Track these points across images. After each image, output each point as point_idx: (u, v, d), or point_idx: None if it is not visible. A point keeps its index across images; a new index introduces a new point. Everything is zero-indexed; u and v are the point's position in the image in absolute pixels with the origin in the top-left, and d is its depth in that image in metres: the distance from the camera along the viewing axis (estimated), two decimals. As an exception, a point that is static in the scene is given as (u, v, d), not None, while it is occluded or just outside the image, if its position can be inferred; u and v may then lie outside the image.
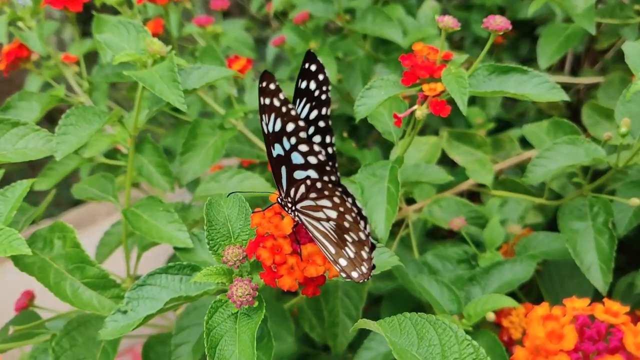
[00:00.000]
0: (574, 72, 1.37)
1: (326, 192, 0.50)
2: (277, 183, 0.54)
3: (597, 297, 0.80)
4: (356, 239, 0.51)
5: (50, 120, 0.73)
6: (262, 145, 0.97)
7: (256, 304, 0.52)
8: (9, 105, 0.85)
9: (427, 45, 0.70)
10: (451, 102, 0.66)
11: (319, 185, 0.50)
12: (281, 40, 1.23)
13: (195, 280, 0.53)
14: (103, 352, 0.67)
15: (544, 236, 0.86)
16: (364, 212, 0.50)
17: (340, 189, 0.49)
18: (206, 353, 0.49)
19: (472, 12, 1.36)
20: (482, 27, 0.66)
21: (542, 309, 0.42)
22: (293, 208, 0.53)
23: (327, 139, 0.55)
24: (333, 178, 0.52)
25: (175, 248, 0.68)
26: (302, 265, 0.51)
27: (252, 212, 0.55)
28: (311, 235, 0.52)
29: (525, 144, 1.09)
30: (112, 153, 0.99)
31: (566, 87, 1.23)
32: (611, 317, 0.40)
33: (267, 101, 0.49)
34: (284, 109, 0.49)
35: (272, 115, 0.50)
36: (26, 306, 0.82)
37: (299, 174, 0.52)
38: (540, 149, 0.80)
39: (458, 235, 0.92)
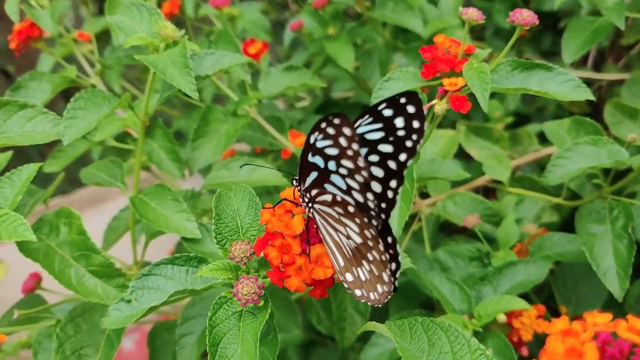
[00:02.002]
0: (597, 68, 1.34)
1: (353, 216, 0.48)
2: (300, 175, 0.51)
3: (611, 300, 0.78)
4: (375, 258, 0.49)
5: (67, 97, 0.72)
6: (274, 133, 0.96)
7: (262, 303, 0.50)
8: (19, 85, 0.84)
9: (449, 38, 0.68)
10: (471, 96, 0.64)
11: (350, 209, 0.48)
12: (299, 24, 1.20)
13: (201, 274, 0.52)
14: (107, 340, 0.66)
15: (560, 237, 0.84)
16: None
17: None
18: (208, 351, 0.48)
19: (495, 2, 1.33)
20: (508, 20, 0.64)
21: (562, 322, 0.40)
22: (310, 205, 0.51)
23: (392, 184, 0.50)
24: (374, 222, 0.49)
25: (183, 238, 0.67)
26: (310, 267, 0.50)
27: (262, 208, 0.54)
28: (321, 237, 0.51)
29: (543, 139, 1.06)
30: (124, 136, 0.98)
31: (588, 82, 1.21)
32: (635, 336, 0.38)
33: (332, 131, 0.45)
34: (350, 152, 0.45)
35: (331, 142, 0.46)
36: (33, 288, 0.82)
37: (330, 188, 0.49)
38: (560, 148, 0.78)
39: (471, 231, 0.90)
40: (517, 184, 0.95)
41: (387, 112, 0.49)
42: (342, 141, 0.45)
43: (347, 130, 0.44)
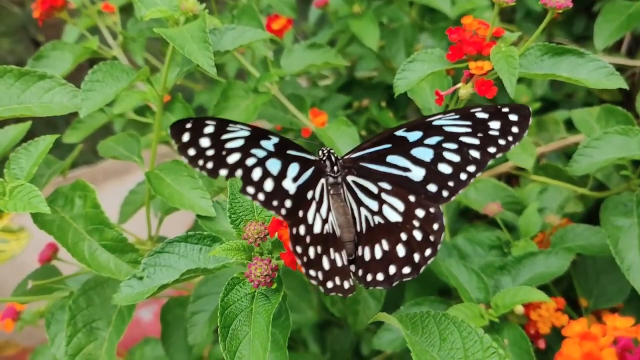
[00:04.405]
0: (631, 54, 1.29)
1: None
2: None
3: (634, 296, 0.76)
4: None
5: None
6: (295, 111, 0.94)
7: (275, 285, 0.49)
8: (42, 54, 0.83)
9: (477, 19, 0.65)
10: (497, 80, 0.62)
11: None
12: (324, 1, 1.18)
13: (214, 254, 0.51)
14: (119, 315, 0.66)
15: (584, 229, 0.81)
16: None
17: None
18: (219, 332, 0.47)
19: (527, -17, 1.29)
20: (540, 3, 0.61)
21: (580, 325, 0.38)
22: None
23: (470, 168, 0.53)
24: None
25: (198, 215, 0.66)
26: (324, 249, 0.49)
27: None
28: None
29: (570, 126, 1.04)
30: (144, 109, 0.97)
31: (621, 69, 1.16)
32: (657, 342, 0.36)
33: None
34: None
35: None
36: (49, 258, 0.82)
37: None
38: (588, 137, 0.75)
39: (492, 217, 0.88)
40: (542, 172, 0.93)
41: (482, 115, 0.52)
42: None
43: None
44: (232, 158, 0.48)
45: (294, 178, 0.51)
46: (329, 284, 0.50)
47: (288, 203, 0.50)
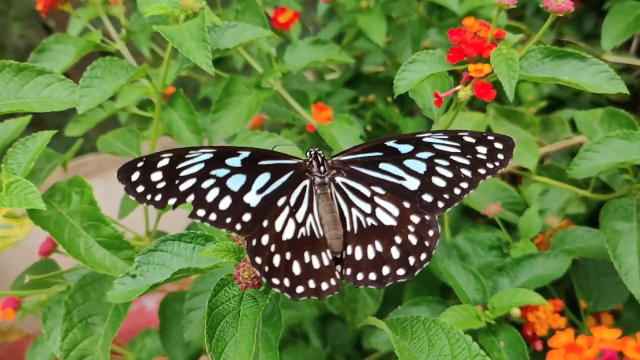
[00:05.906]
0: (640, 54, 1.28)
1: None
2: None
3: (633, 299, 0.76)
4: None
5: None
6: (298, 107, 0.94)
7: (263, 287, 0.49)
8: (44, 47, 0.83)
9: (479, 21, 0.65)
10: (498, 82, 0.61)
11: None
12: (330, -4, 1.18)
13: (204, 255, 0.51)
14: (115, 310, 0.66)
15: (584, 231, 0.81)
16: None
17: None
18: (205, 333, 0.47)
19: (537, -20, 1.27)
20: (542, 6, 0.60)
21: (566, 336, 0.38)
22: None
23: (463, 185, 0.53)
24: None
25: (194, 212, 0.66)
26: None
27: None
28: None
29: (576, 126, 1.02)
30: (147, 103, 0.97)
31: (629, 68, 1.15)
32: (642, 357, 0.36)
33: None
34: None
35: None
36: (50, 251, 0.82)
37: None
38: (590, 140, 0.74)
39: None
40: (545, 172, 0.92)
41: (469, 139, 0.54)
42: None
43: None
44: (186, 185, 0.49)
45: (260, 190, 0.52)
46: (299, 289, 0.50)
47: (246, 217, 0.50)
